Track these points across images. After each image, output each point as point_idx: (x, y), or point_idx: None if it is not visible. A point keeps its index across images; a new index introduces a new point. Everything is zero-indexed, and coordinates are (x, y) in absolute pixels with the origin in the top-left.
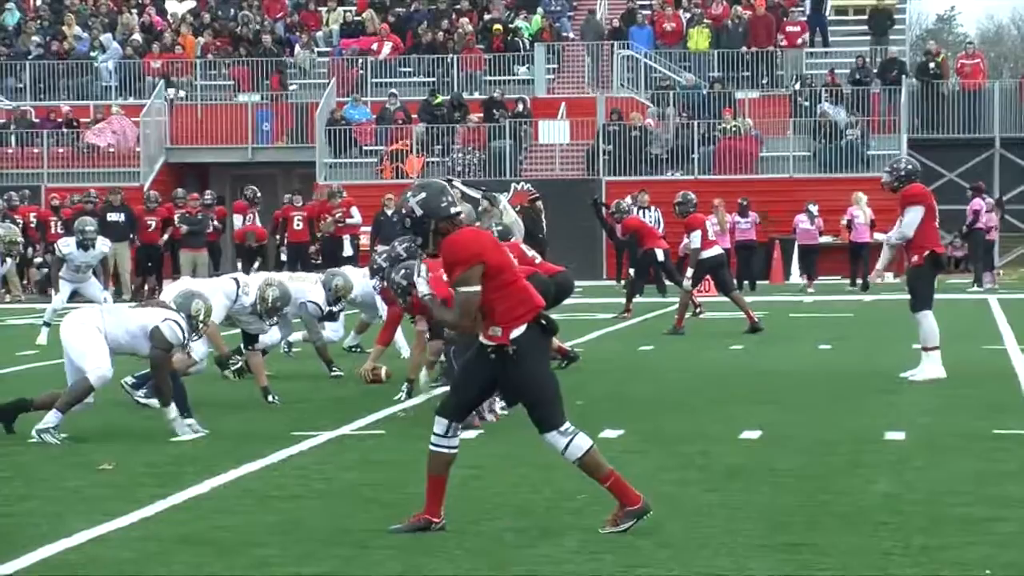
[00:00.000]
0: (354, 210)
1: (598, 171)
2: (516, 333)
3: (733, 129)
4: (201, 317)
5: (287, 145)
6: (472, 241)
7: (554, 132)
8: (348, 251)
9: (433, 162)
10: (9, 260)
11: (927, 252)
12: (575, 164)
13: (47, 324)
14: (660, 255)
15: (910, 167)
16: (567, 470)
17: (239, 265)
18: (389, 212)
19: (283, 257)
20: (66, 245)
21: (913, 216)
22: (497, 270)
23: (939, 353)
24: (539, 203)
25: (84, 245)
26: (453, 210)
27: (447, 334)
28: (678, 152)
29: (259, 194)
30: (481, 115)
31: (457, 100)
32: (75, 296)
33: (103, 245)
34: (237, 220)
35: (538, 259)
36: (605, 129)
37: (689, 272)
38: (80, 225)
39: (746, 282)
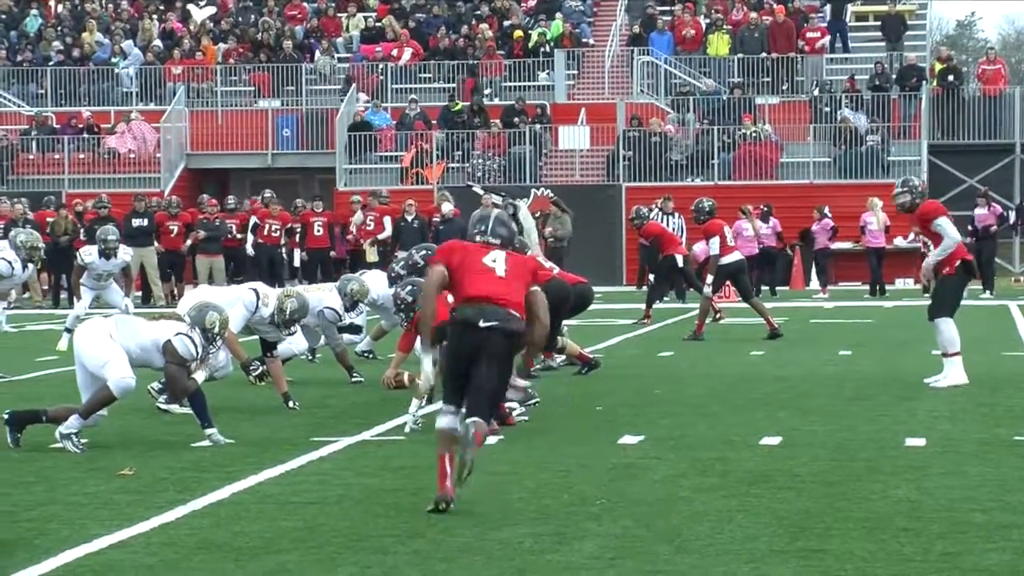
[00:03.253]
0: (387, 220)
1: (618, 177)
2: None
3: (753, 135)
4: (216, 329)
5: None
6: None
7: (574, 138)
8: (374, 257)
9: (454, 168)
10: (31, 266)
11: (958, 262)
12: (595, 170)
13: (68, 330)
14: (680, 261)
15: (917, 181)
16: (585, 475)
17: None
18: (410, 218)
19: (297, 262)
20: (88, 254)
21: (949, 226)
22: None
23: (961, 359)
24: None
25: (106, 254)
26: None
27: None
28: (698, 158)
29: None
30: (499, 119)
31: (477, 106)
32: (95, 302)
33: (125, 254)
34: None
35: (556, 270)
36: (625, 135)
37: (709, 278)
38: (103, 234)
39: (765, 288)
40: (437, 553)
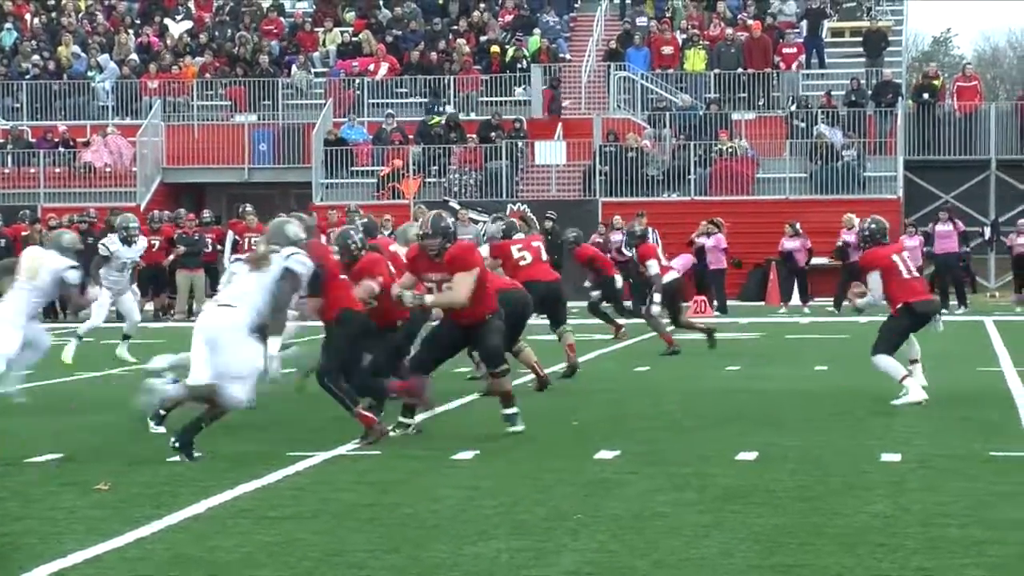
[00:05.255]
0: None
1: (594, 192)
2: None
3: (729, 150)
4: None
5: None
6: None
7: (550, 153)
8: None
9: (430, 182)
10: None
11: (900, 304)
12: (572, 185)
13: (80, 338)
14: (618, 282)
15: (873, 226)
16: (562, 490)
17: None
18: (386, 232)
19: None
20: (112, 243)
21: (873, 282)
22: None
23: (912, 379)
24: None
25: (128, 240)
26: None
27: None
28: (674, 173)
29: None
30: (475, 134)
31: (453, 121)
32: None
33: (143, 241)
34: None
35: (527, 259)
36: (601, 150)
37: (657, 297)
38: (124, 222)
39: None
40: (413, 568)
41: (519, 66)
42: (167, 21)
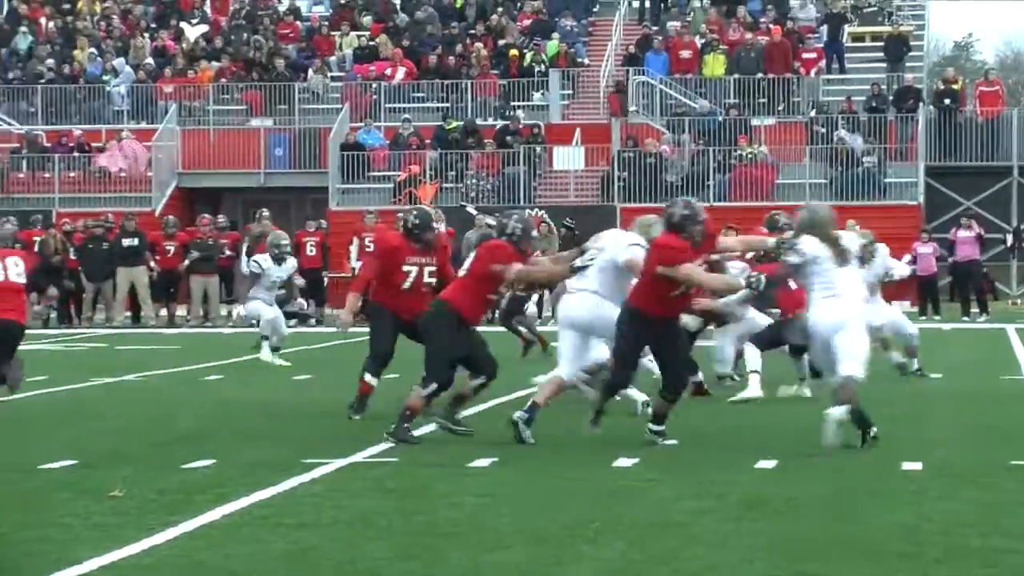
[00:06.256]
0: None
1: (613, 197)
2: None
3: (749, 156)
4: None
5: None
6: None
7: (569, 158)
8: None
9: (447, 188)
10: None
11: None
12: (590, 190)
13: (266, 338)
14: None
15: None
16: (580, 498)
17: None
18: None
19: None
20: (264, 260)
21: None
22: None
23: (757, 378)
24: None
25: (279, 259)
26: None
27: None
28: (693, 179)
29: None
30: (493, 139)
31: (470, 126)
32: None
33: (292, 260)
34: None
35: None
36: (620, 155)
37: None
38: (275, 240)
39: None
40: None
41: (537, 71)
42: (183, 25)
